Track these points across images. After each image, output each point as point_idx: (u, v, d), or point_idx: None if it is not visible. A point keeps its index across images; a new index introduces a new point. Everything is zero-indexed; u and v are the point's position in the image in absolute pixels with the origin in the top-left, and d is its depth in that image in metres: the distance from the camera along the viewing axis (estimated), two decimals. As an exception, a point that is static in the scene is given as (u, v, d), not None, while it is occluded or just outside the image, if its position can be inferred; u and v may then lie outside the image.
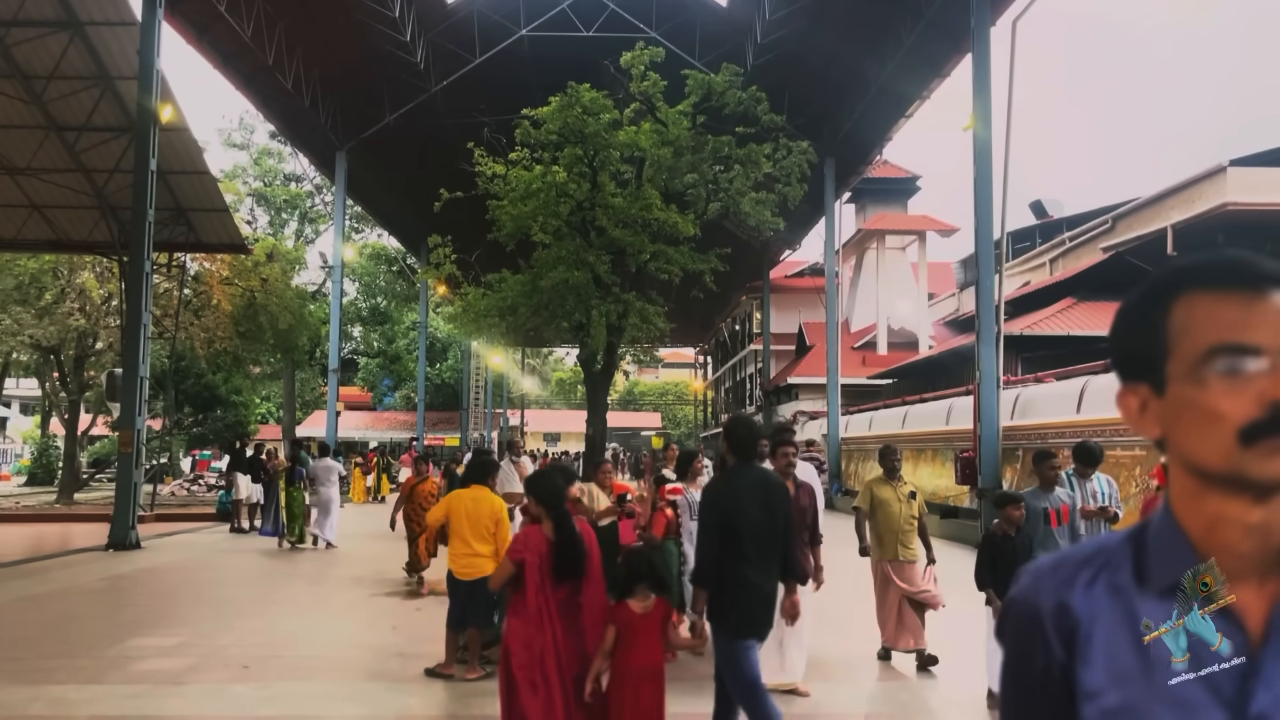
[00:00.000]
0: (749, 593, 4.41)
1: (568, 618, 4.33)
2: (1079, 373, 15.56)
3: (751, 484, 4.55)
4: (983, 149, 15.91)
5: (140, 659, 7.36)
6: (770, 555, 4.52)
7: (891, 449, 7.71)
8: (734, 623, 4.40)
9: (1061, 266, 31.24)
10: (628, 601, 4.37)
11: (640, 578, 4.38)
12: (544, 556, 4.36)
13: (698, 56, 22.09)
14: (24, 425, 62.85)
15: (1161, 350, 1.05)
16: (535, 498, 4.54)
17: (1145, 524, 1.12)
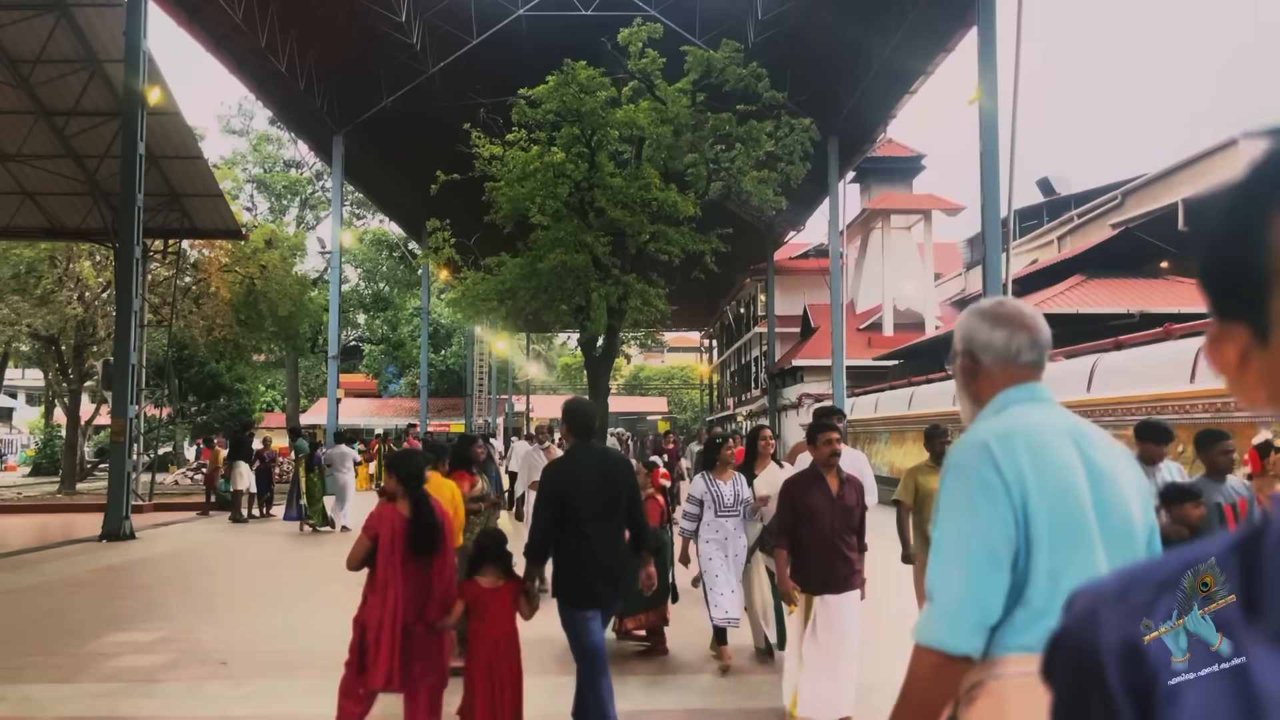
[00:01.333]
0: (587, 566, 4.64)
1: (417, 592, 4.61)
2: (1088, 351, 15.22)
3: (590, 462, 4.78)
4: (989, 122, 15.54)
5: (116, 656, 7.12)
6: (611, 529, 4.77)
7: (940, 429, 6.30)
8: (574, 594, 4.66)
9: (1070, 244, 30.82)
10: (477, 579, 4.74)
11: (490, 558, 4.75)
12: (397, 533, 4.61)
13: (698, 34, 21.68)
14: (30, 416, 62.88)
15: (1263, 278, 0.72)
16: (396, 477, 4.76)
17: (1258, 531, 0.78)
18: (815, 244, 41.61)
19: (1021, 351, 1.98)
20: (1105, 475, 1.85)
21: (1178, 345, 12.00)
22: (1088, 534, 1.80)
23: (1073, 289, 22.29)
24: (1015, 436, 1.82)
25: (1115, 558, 1.80)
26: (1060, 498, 1.78)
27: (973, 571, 1.76)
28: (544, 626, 8.21)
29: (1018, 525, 1.77)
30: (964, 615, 1.76)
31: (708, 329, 64.99)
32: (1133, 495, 1.87)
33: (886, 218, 37.58)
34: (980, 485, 1.79)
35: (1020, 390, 1.96)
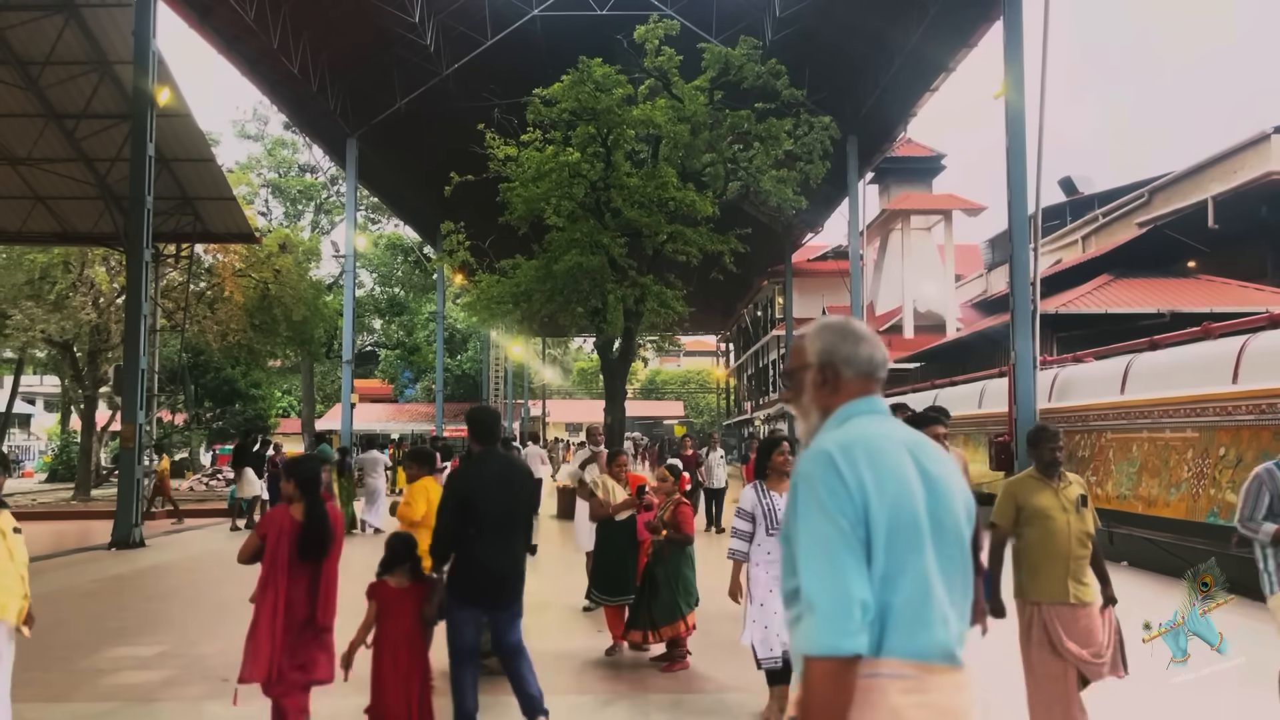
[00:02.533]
0: (480, 566, 4.90)
1: (304, 594, 4.68)
2: (1120, 351, 14.77)
3: (490, 468, 5.04)
4: (1015, 116, 15.10)
5: (114, 672, 6.82)
6: (506, 533, 5.00)
7: (1049, 431, 4.83)
8: (462, 591, 4.91)
9: (1094, 244, 30.29)
10: (386, 580, 4.99)
11: (401, 560, 4.98)
12: (284, 535, 4.68)
13: (714, 33, 21.34)
14: (49, 422, 63.07)
15: None
16: (293, 482, 4.81)
17: None
18: (834, 246, 41.18)
19: (877, 367, 2.11)
20: (937, 483, 1.96)
21: (1218, 345, 11.56)
22: (920, 539, 1.89)
23: (1100, 289, 21.81)
24: (856, 446, 1.93)
25: (945, 561, 1.92)
26: (897, 504, 1.89)
27: (842, 571, 1.82)
28: (559, 643, 7.93)
29: (860, 529, 1.87)
30: (847, 614, 1.79)
31: (724, 332, 64.61)
32: (959, 502, 2.01)
33: (906, 218, 37.12)
34: (829, 491, 1.87)
35: (862, 403, 2.07)
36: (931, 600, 1.88)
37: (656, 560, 6.96)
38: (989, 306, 30.10)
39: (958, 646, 1.91)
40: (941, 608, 1.89)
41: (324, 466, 5.14)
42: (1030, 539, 4.71)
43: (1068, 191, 37.25)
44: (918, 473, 1.95)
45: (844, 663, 1.78)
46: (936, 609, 1.88)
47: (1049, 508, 4.69)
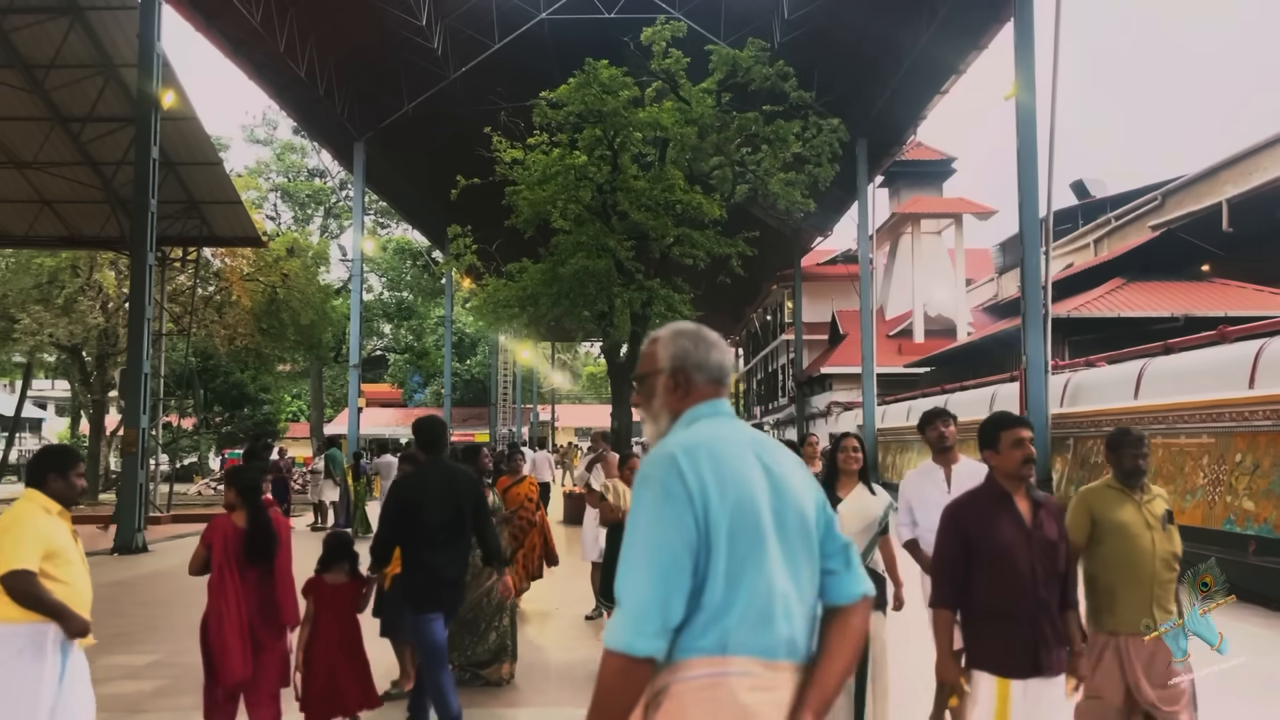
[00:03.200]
0: (427, 573, 5.01)
1: (257, 596, 4.83)
2: (1133, 355, 14.57)
3: (436, 476, 5.14)
4: (1026, 118, 14.94)
5: (105, 681, 6.66)
6: (452, 540, 5.09)
7: (1132, 435, 4.13)
8: (415, 598, 5.02)
9: (1107, 247, 30.04)
10: (323, 576, 5.20)
11: (339, 558, 5.22)
12: (229, 541, 4.81)
13: (722, 35, 21.19)
14: (59, 426, 63.27)
15: None
16: (235, 490, 4.96)
17: None
18: (843, 249, 40.96)
19: (725, 373, 2.16)
20: (782, 481, 2.01)
21: (1234, 349, 11.35)
22: (763, 538, 1.93)
23: (1113, 292, 21.59)
24: (700, 448, 1.96)
25: (790, 557, 1.97)
26: (740, 504, 1.92)
27: (657, 577, 1.85)
28: (564, 653, 7.77)
29: (699, 531, 1.88)
30: (649, 619, 1.84)
31: (733, 337, 64.44)
32: (807, 497, 2.06)
33: (916, 222, 36.92)
34: (665, 494, 1.90)
35: (708, 406, 2.11)
36: (775, 597, 1.91)
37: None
38: (1000, 310, 29.88)
39: (803, 640, 1.96)
40: (786, 603, 1.93)
41: (265, 476, 5.35)
42: (1107, 559, 4.03)
43: (1079, 194, 36.98)
44: (762, 471, 2.00)
45: (636, 662, 1.84)
46: (780, 605, 1.92)
47: (1130, 523, 4.01)
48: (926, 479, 5.27)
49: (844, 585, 2.06)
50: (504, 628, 6.50)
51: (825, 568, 2.06)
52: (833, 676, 1.96)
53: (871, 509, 4.95)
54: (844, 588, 2.06)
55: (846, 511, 4.96)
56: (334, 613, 5.15)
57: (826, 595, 2.05)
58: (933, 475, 5.25)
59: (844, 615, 2.04)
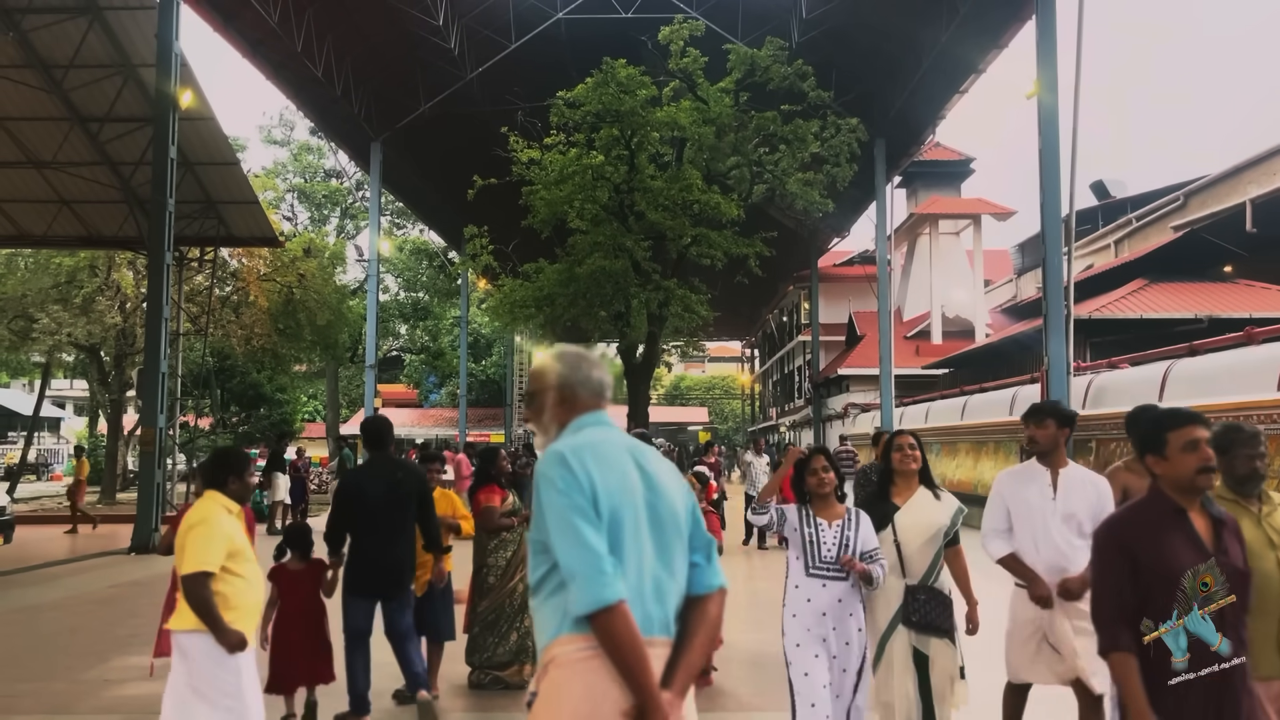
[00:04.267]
0: (368, 561, 5.50)
1: None
2: (1157, 357, 14.37)
3: (379, 470, 5.63)
4: (1048, 117, 14.78)
5: (120, 683, 6.66)
6: (393, 529, 5.50)
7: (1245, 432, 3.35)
8: (351, 582, 5.52)
9: (1127, 248, 29.76)
10: (284, 563, 5.72)
11: (295, 547, 5.75)
12: None
13: (740, 35, 21.07)
14: (78, 425, 63.67)
15: None
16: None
17: None
18: (860, 250, 40.77)
19: (605, 389, 2.45)
20: (656, 480, 2.30)
21: (1261, 350, 11.16)
22: (638, 527, 2.20)
23: (1135, 293, 21.34)
24: (584, 448, 2.25)
25: (662, 544, 2.24)
26: (617, 496, 2.19)
27: (587, 538, 2.09)
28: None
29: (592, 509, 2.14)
30: (600, 570, 2.07)
31: (749, 338, 64.27)
32: (677, 495, 2.33)
33: (934, 223, 36.67)
34: (562, 483, 2.15)
35: (591, 416, 2.40)
36: (647, 580, 2.18)
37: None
38: (1019, 312, 29.63)
39: (670, 621, 2.22)
40: (658, 586, 2.20)
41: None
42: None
43: (1100, 195, 36.67)
44: (638, 471, 2.28)
45: (613, 610, 2.04)
46: (652, 587, 2.19)
47: (1250, 542, 3.15)
48: (1028, 483, 4.53)
49: (704, 577, 2.32)
50: (525, 628, 6.40)
51: (690, 560, 2.33)
52: (693, 658, 2.22)
53: (936, 517, 4.38)
54: (704, 579, 2.32)
55: (907, 522, 4.41)
56: (295, 596, 5.62)
57: (690, 586, 2.31)
58: (1036, 479, 4.52)
59: (703, 603, 2.30)
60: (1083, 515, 4.37)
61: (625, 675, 2.05)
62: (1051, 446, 4.50)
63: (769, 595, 10.73)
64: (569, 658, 2.12)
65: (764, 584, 11.53)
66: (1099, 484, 4.47)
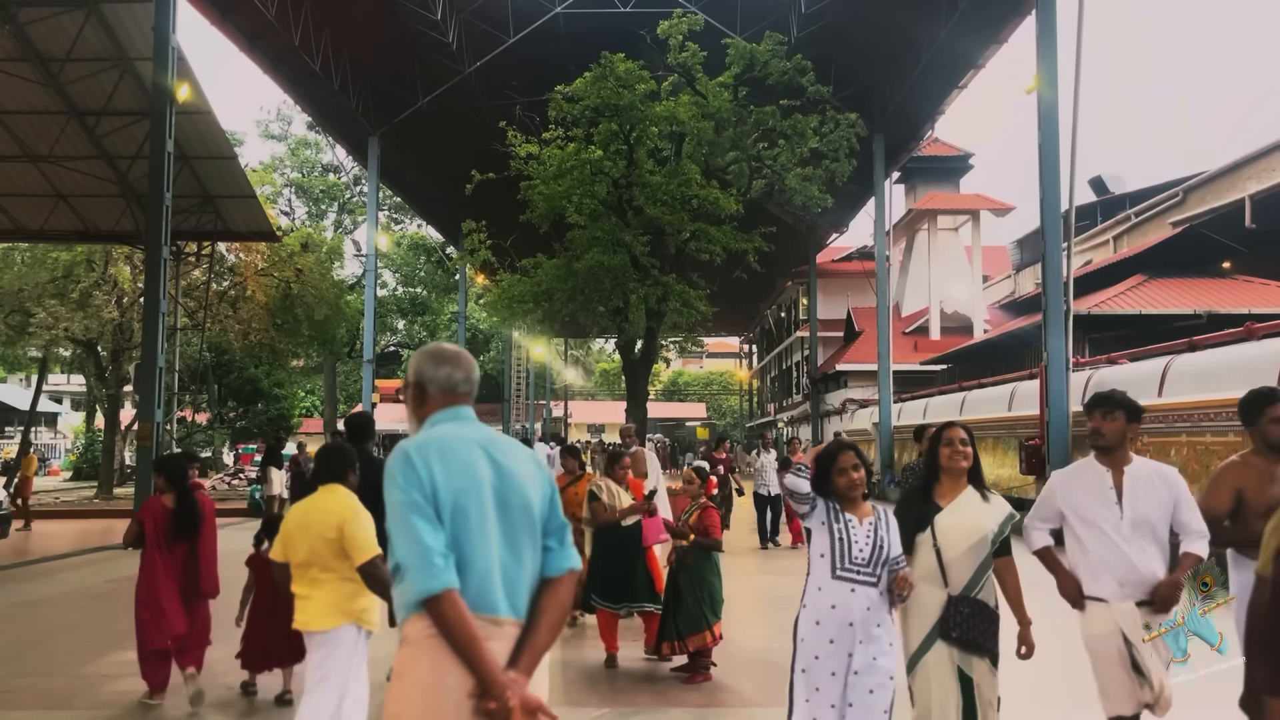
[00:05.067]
0: None
1: (184, 566, 5.87)
2: (1156, 353, 14.37)
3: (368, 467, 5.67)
4: (1048, 112, 14.75)
5: (117, 678, 6.62)
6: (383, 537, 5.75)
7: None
8: None
9: (1126, 244, 29.75)
10: (259, 551, 6.05)
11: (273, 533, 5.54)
12: (159, 520, 5.80)
13: (739, 29, 21.00)
14: (75, 420, 63.57)
15: None
16: (164, 476, 5.95)
17: None
18: (859, 246, 40.74)
19: (457, 384, 2.56)
20: (506, 471, 2.41)
21: (1261, 346, 11.16)
22: (486, 515, 2.33)
23: (1134, 289, 21.34)
24: (429, 444, 2.37)
25: (511, 531, 2.37)
26: (462, 486, 2.32)
27: (417, 532, 2.23)
28: (575, 653, 7.66)
29: (430, 505, 2.28)
30: (430, 561, 2.21)
31: (747, 334, 64.25)
32: (531, 484, 2.45)
33: (933, 218, 36.66)
34: (403, 480, 2.29)
35: (447, 412, 2.52)
36: (495, 564, 2.31)
37: (679, 567, 6.67)
38: (1017, 308, 29.62)
39: (521, 603, 2.34)
40: (506, 570, 2.33)
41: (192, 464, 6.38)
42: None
43: (1098, 191, 36.65)
44: (488, 462, 2.40)
45: (441, 598, 2.19)
46: (500, 571, 2.31)
47: None
48: (1086, 486, 4.01)
49: (556, 560, 2.44)
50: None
51: (545, 545, 2.44)
52: (542, 637, 2.34)
53: (983, 521, 3.87)
54: (556, 562, 2.44)
55: (950, 524, 3.88)
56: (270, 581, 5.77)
57: (542, 568, 2.43)
58: (1095, 482, 3.99)
59: (553, 585, 2.42)
60: (1156, 518, 3.89)
61: (461, 656, 2.19)
62: (1118, 442, 3.96)
63: (773, 592, 10.73)
64: (416, 636, 2.26)
65: (771, 579, 11.54)
66: (1169, 477, 3.98)
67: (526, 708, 2.20)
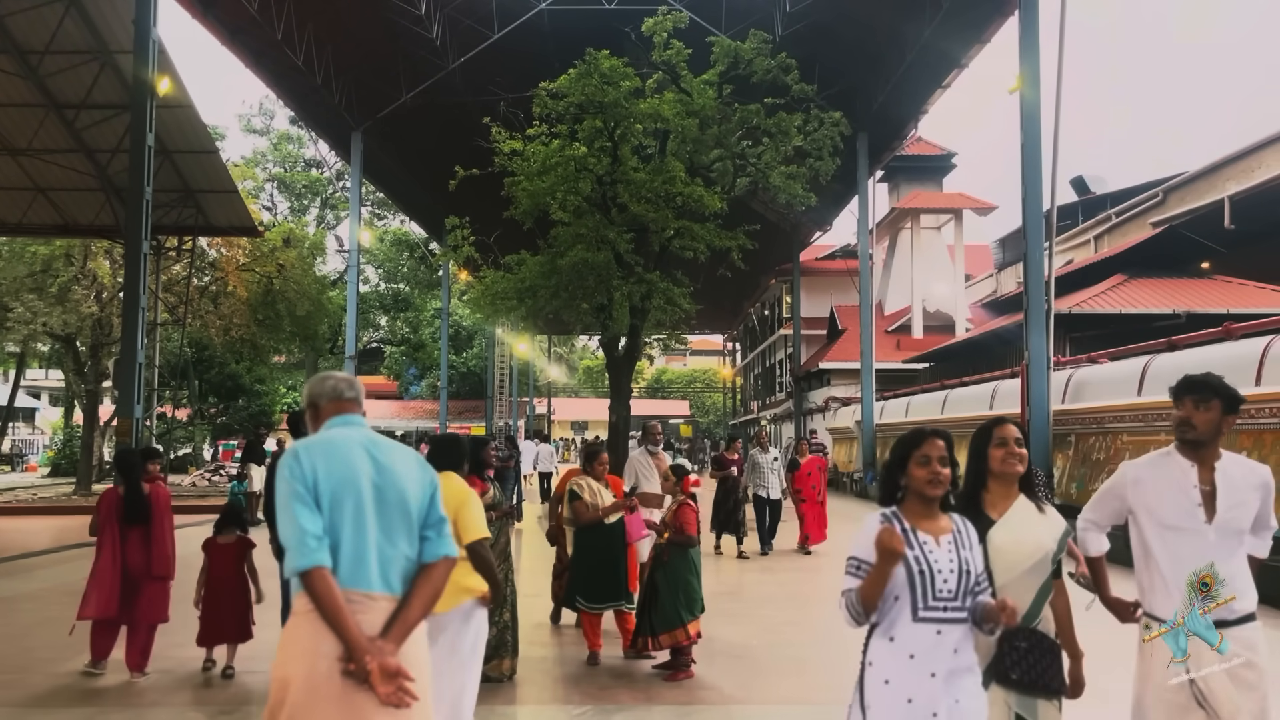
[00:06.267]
0: None
1: (139, 550, 6.53)
2: (1136, 352, 14.47)
3: None
4: (1030, 112, 14.84)
5: (95, 675, 6.57)
6: None
7: None
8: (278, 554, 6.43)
9: (1107, 244, 29.95)
10: (216, 537, 6.74)
11: (228, 523, 6.80)
12: (112, 507, 6.57)
13: (724, 27, 21.04)
14: (53, 416, 63.01)
15: None
16: (118, 470, 6.77)
17: None
18: (842, 244, 40.88)
19: (340, 393, 2.97)
20: (386, 468, 2.79)
21: (1240, 345, 11.25)
22: (363, 505, 2.70)
23: (1114, 289, 21.48)
24: (315, 444, 2.77)
25: (387, 520, 2.74)
26: (339, 482, 2.69)
27: (298, 517, 2.61)
28: (552, 650, 7.65)
29: (311, 496, 2.65)
30: (304, 543, 2.58)
31: (731, 331, 64.35)
32: (410, 481, 2.83)
33: (916, 217, 36.80)
34: (290, 473, 2.68)
35: (339, 419, 2.93)
36: (370, 547, 2.67)
37: (657, 564, 6.68)
38: (999, 307, 29.78)
39: (396, 582, 2.71)
40: (381, 552, 2.69)
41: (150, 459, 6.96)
42: None
43: (1080, 191, 36.89)
44: (369, 461, 2.78)
45: (312, 574, 2.56)
46: (375, 553, 2.68)
47: None
48: (1168, 481, 3.46)
49: (432, 548, 2.80)
50: (504, 622, 6.35)
51: (422, 534, 2.81)
52: (412, 612, 2.70)
53: (1041, 538, 3.26)
54: (432, 549, 2.80)
55: (1005, 542, 3.24)
56: (223, 565, 6.64)
57: (421, 554, 2.79)
58: (1178, 479, 3.44)
59: (429, 569, 2.79)
60: (1246, 522, 3.39)
61: (330, 624, 2.55)
62: (1211, 436, 3.39)
63: (754, 588, 10.76)
64: (302, 608, 2.62)
65: (748, 577, 11.56)
66: (1262, 475, 3.44)
67: (385, 671, 2.54)
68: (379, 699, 2.53)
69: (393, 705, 2.56)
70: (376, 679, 2.52)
